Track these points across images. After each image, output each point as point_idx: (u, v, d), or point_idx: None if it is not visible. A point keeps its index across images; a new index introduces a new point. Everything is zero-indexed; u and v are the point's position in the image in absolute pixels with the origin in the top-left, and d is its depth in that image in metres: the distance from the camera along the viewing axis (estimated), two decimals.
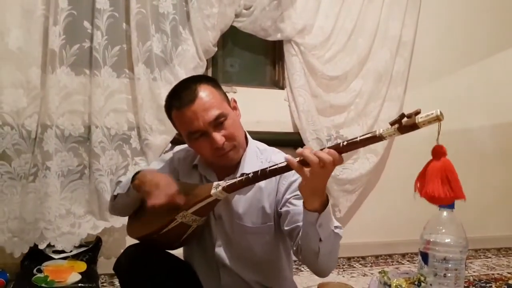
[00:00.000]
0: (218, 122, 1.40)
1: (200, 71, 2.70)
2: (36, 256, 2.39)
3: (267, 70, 3.19)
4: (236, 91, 2.91)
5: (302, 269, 2.78)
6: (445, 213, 1.37)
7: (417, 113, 1.14)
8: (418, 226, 1.43)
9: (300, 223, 1.35)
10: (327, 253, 1.31)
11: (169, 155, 1.69)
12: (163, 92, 2.60)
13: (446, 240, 1.33)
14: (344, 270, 2.90)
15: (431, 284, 1.18)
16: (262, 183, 1.46)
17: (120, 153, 2.55)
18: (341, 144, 1.19)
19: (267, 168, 1.30)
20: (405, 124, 1.15)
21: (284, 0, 2.83)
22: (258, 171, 1.32)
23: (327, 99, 3.03)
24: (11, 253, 2.37)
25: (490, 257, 3.32)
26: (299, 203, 1.37)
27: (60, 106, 2.42)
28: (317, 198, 1.24)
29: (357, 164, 3.10)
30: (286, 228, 1.44)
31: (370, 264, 3.08)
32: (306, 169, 1.18)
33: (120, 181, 1.61)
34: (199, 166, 1.57)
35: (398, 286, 1.18)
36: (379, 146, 3.15)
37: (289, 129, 3.02)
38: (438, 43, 3.35)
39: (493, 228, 3.57)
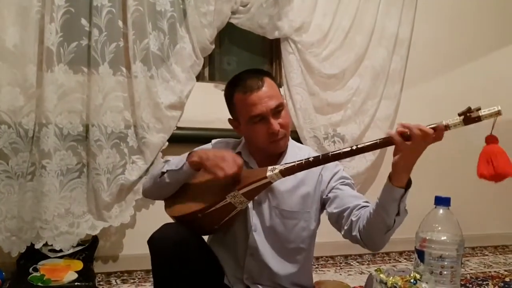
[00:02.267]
0: (277, 111, 1.54)
1: (197, 69, 2.70)
2: (32, 255, 2.39)
3: (264, 68, 3.17)
4: None
5: None
6: (441, 211, 1.37)
7: (479, 108, 1.33)
8: (415, 224, 1.43)
9: (349, 205, 1.50)
10: (396, 227, 1.43)
11: (208, 146, 1.73)
12: (160, 90, 2.61)
13: (442, 238, 1.33)
14: (341, 268, 2.91)
15: (427, 282, 1.17)
16: (303, 173, 1.53)
17: (117, 151, 2.54)
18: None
19: (329, 153, 1.42)
20: (471, 116, 1.32)
21: None
22: (320, 155, 1.44)
23: (324, 97, 3.03)
24: (8, 252, 2.36)
25: (487, 255, 3.33)
26: (346, 188, 1.58)
27: (58, 105, 2.41)
28: (406, 175, 1.36)
29: (354, 163, 3.10)
30: (335, 211, 1.54)
31: (367, 262, 3.08)
32: (408, 142, 1.29)
33: (168, 160, 1.62)
34: (242, 154, 1.63)
35: (394, 284, 1.17)
36: None
37: None
38: (435, 41, 3.35)
39: (490, 225, 3.58)
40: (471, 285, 2.60)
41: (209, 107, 2.81)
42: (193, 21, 2.65)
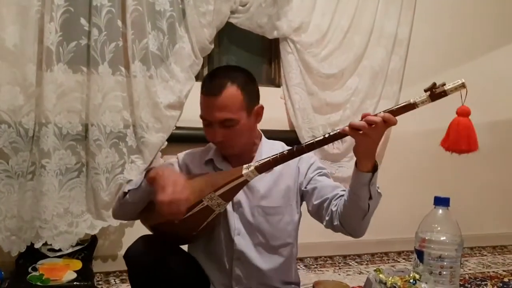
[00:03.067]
0: (225, 125, 1.49)
1: (196, 68, 2.70)
2: (31, 254, 2.39)
3: (263, 68, 3.18)
4: None
5: (298, 267, 2.78)
6: (440, 211, 1.37)
7: (444, 84, 1.35)
8: (414, 224, 1.43)
9: (328, 196, 1.52)
10: (372, 210, 1.44)
11: (174, 161, 1.70)
12: (159, 89, 2.60)
13: (442, 238, 1.33)
14: (340, 268, 2.91)
15: (426, 282, 1.18)
16: (279, 168, 1.53)
17: (116, 151, 2.54)
18: (380, 112, 1.32)
19: (302, 144, 1.42)
20: (437, 92, 1.33)
21: None
22: (293, 147, 1.43)
23: (323, 97, 3.03)
24: (8, 251, 2.36)
25: (485, 255, 3.33)
26: (323, 178, 1.60)
27: (57, 104, 2.41)
28: (370, 159, 1.39)
29: (353, 162, 3.08)
30: (315, 202, 1.56)
31: (366, 262, 3.08)
32: (360, 132, 1.31)
33: (130, 180, 1.61)
34: (215, 160, 1.62)
35: (394, 284, 1.17)
36: None
37: (285, 127, 3.02)
38: (434, 40, 3.35)
39: (488, 226, 3.58)
40: (469, 285, 2.61)
41: None
42: (192, 20, 2.65)
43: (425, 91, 1.33)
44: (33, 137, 2.36)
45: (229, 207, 1.57)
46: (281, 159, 1.42)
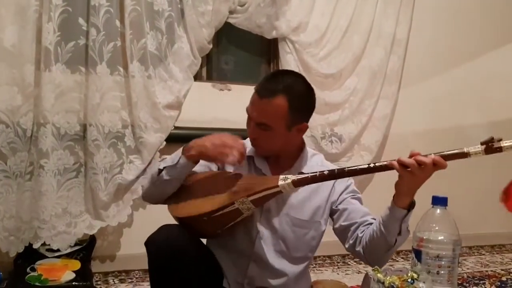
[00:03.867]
0: (260, 127, 1.50)
1: (195, 69, 2.70)
2: (30, 254, 2.39)
3: (261, 68, 3.19)
4: (231, 88, 2.91)
5: None
6: (438, 211, 1.37)
7: (501, 139, 1.34)
8: (412, 224, 1.43)
9: (357, 220, 1.52)
10: (398, 246, 1.44)
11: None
12: (158, 89, 2.60)
13: (439, 238, 1.33)
14: (338, 268, 2.91)
15: (424, 282, 1.18)
16: (315, 185, 1.52)
17: (115, 151, 2.54)
18: (431, 154, 1.33)
19: (346, 168, 1.41)
20: (494, 147, 1.34)
21: None
22: (335, 169, 1.43)
23: (321, 96, 3.02)
24: (6, 252, 2.36)
25: (484, 254, 3.34)
26: (356, 202, 1.59)
27: (55, 104, 2.41)
28: (409, 197, 1.38)
29: (351, 162, 3.10)
30: (342, 223, 1.56)
31: None
32: (408, 169, 1.31)
33: (164, 158, 1.61)
34: (255, 158, 1.62)
35: (392, 284, 1.17)
36: (372, 143, 3.16)
37: None
38: (432, 40, 3.35)
39: (487, 225, 3.58)
40: (468, 285, 2.61)
41: (207, 106, 2.81)
42: (191, 20, 2.65)
43: (482, 144, 1.33)
44: (31, 137, 2.36)
45: (256, 209, 1.55)
46: (320, 178, 1.42)
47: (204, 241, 1.64)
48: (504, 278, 2.74)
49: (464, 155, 1.33)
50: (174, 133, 2.68)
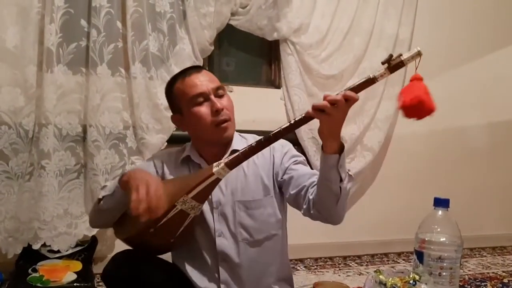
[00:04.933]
0: (219, 94, 1.56)
1: None
2: (31, 255, 2.39)
3: (263, 69, 3.19)
4: (232, 90, 2.91)
5: (298, 268, 2.79)
6: (440, 212, 1.38)
7: (401, 54, 1.33)
8: (414, 225, 1.44)
9: (305, 183, 1.50)
10: (345, 193, 1.41)
11: (149, 162, 1.69)
12: (160, 91, 2.60)
13: (441, 239, 1.34)
14: (340, 269, 2.91)
15: (426, 283, 1.18)
16: (255, 158, 1.53)
17: (116, 152, 2.54)
18: (341, 91, 1.33)
19: (270, 133, 1.39)
20: (394, 63, 1.32)
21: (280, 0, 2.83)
22: (261, 138, 1.40)
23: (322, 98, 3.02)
24: (5, 253, 2.36)
25: (485, 256, 3.33)
26: (299, 167, 1.58)
27: (57, 105, 2.41)
28: (335, 140, 1.36)
29: (353, 163, 3.10)
30: (292, 192, 1.54)
31: (366, 263, 3.08)
32: (323, 113, 1.30)
33: (105, 185, 1.59)
34: (192, 156, 1.61)
35: (394, 285, 1.18)
36: (375, 144, 3.16)
37: None
38: (435, 41, 3.35)
39: (488, 227, 3.58)
40: (469, 286, 2.61)
41: None
42: (192, 22, 2.65)
43: (382, 63, 1.33)
44: (32, 138, 2.36)
45: (206, 208, 1.55)
46: (251, 151, 1.40)
47: (170, 259, 1.63)
48: (505, 280, 2.74)
49: (371, 81, 1.34)
50: (176, 134, 2.68)
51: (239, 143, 1.60)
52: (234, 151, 1.49)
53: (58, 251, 2.44)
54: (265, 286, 1.60)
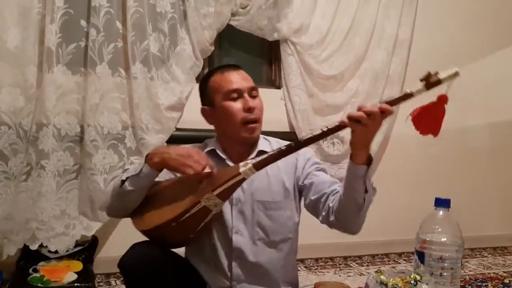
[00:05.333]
0: (252, 94, 1.58)
1: (197, 70, 2.70)
2: (32, 255, 2.39)
3: (263, 70, 3.19)
4: None
5: (299, 268, 2.78)
6: (441, 212, 1.38)
7: (437, 72, 1.32)
8: (415, 226, 1.44)
9: (326, 191, 1.51)
10: (368, 204, 1.43)
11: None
12: (160, 91, 2.61)
13: (442, 239, 1.34)
14: (340, 270, 2.91)
15: (427, 283, 1.18)
16: (279, 162, 1.52)
17: (115, 152, 2.54)
18: (379, 103, 1.33)
19: (300, 139, 1.45)
20: (432, 81, 1.31)
21: (280, 0, 2.83)
22: (291, 142, 1.43)
23: (323, 98, 3.03)
24: (7, 253, 2.36)
25: (486, 256, 3.33)
26: (320, 173, 1.60)
27: (56, 105, 2.41)
28: (365, 152, 1.37)
29: None
30: (312, 198, 1.54)
31: (367, 263, 3.08)
32: (358, 123, 1.31)
33: (126, 168, 1.59)
34: (218, 150, 1.61)
35: (395, 286, 1.18)
36: (374, 145, 3.15)
37: (285, 128, 3.02)
38: (436, 42, 3.35)
39: (489, 227, 3.58)
40: (470, 286, 2.61)
41: None
42: (193, 22, 2.65)
43: (421, 80, 1.32)
44: (31, 138, 2.34)
45: (226, 204, 1.54)
46: (279, 155, 1.41)
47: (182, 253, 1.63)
48: (506, 280, 2.74)
49: (408, 96, 1.33)
50: (176, 134, 2.69)
51: (264, 144, 1.62)
52: (261, 152, 1.52)
53: (55, 252, 2.43)
54: (274, 287, 1.61)
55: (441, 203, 1.39)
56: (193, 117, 2.75)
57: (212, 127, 1.67)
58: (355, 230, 1.49)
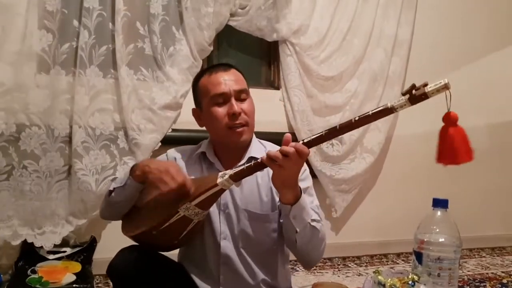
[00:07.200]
0: (241, 97, 1.53)
1: (195, 71, 2.69)
2: (30, 256, 2.39)
3: (262, 70, 3.19)
4: None
5: (298, 269, 2.78)
6: (439, 213, 1.37)
7: (426, 84, 1.18)
8: (413, 226, 1.44)
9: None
10: (304, 244, 1.40)
11: (163, 157, 1.69)
12: (154, 91, 2.61)
13: (440, 240, 1.33)
14: (339, 270, 2.91)
15: (425, 284, 1.18)
16: (269, 171, 1.45)
17: (107, 152, 2.53)
18: (353, 119, 1.24)
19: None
20: (416, 94, 1.18)
21: (279, 0, 2.83)
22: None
23: (322, 99, 3.03)
24: (6, 254, 2.37)
25: (484, 257, 3.34)
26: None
27: (51, 106, 2.41)
28: (289, 191, 1.33)
29: (353, 164, 3.10)
30: (280, 220, 1.52)
31: (365, 264, 3.08)
32: (275, 163, 1.26)
33: (115, 177, 1.60)
34: (207, 154, 1.59)
35: (393, 286, 1.18)
36: (375, 146, 3.16)
37: (284, 129, 3.02)
38: (435, 42, 3.35)
39: (487, 227, 3.58)
40: (468, 287, 2.61)
41: None
42: (190, 23, 2.65)
43: (403, 94, 1.20)
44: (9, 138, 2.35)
45: (214, 209, 1.53)
46: (256, 167, 1.33)
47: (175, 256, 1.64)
48: (504, 281, 2.74)
49: (389, 111, 1.21)
50: (173, 135, 2.68)
51: (257, 150, 1.57)
52: (251, 158, 1.48)
53: (57, 252, 2.43)
54: None
55: (439, 203, 1.39)
56: (190, 117, 2.76)
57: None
58: (302, 264, 1.52)
